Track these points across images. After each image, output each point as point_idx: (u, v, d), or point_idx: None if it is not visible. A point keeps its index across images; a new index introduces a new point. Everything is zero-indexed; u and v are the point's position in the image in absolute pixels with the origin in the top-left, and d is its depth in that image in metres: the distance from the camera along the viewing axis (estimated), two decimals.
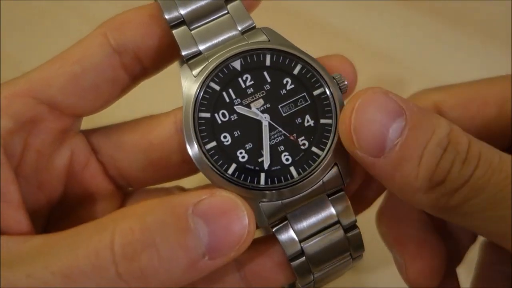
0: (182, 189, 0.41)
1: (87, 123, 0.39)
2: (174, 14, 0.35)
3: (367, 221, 0.39)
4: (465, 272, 0.42)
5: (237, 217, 0.30)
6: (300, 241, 0.34)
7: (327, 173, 0.34)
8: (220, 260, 0.30)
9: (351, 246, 0.35)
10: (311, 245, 0.34)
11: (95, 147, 0.39)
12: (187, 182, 0.40)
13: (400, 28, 0.65)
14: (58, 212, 0.38)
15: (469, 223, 0.32)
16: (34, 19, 0.70)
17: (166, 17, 0.35)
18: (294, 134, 0.34)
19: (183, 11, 0.35)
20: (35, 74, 0.35)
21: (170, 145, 0.37)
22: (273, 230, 0.34)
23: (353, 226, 0.35)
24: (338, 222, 0.34)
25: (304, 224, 0.34)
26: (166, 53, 0.36)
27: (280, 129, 0.34)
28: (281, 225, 0.34)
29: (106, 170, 0.39)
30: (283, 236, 0.34)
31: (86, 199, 0.39)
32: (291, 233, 0.34)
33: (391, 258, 0.41)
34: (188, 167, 0.37)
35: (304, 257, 0.34)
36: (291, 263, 0.34)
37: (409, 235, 0.38)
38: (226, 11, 0.35)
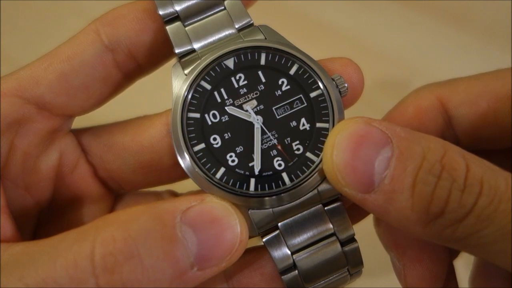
0: (174, 194, 0.40)
1: (82, 122, 0.38)
2: (169, 10, 0.34)
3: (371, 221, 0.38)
4: (463, 266, 0.41)
5: (229, 226, 0.29)
6: (292, 253, 0.32)
7: (322, 182, 0.32)
8: (210, 271, 0.28)
9: (348, 261, 0.33)
10: (304, 259, 0.32)
11: (85, 148, 0.37)
12: (180, 186, 0.39)
13: (403, 29, 0.65)
14: (48, 215, 0.37)
15: (479, 254, 0.30)
16: (34, 19, 0.70)
17: (160, 13, 0.34)
18: (288, 139, 0.32)
19: (178, 7, 0.34)
20: (23, 73, 0.34)
21: (161, 147, 0.36)
22: (263, 240, 0.32)
23: (351, 239, 0.33)
24: (334, 234, 0.32)
25: (297, 235, 0.32)
26: (162, 50, 0.35)
27: (274, 132, 0.32)
28: (272, 235, 0.32)
29: (96, 172, 0.38)
30: (273, 248, 0.32)
31: (75, 202, 0.38)
32: (282, 245, 0.32)
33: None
34: (180, 170, 0.35)
35: (296, 271, 0.32)
36: (282, 277, 0.32)
37: (408, 237, 0.36)
38: (223, 7, 0.34)
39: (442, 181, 0.28)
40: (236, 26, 0.34)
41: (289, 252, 0.32)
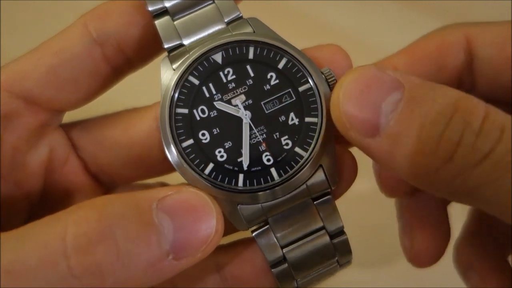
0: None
1: (70, 114, 0.38)
2: (158, 5, 0.33)
3: (367, 215, 0.38)
4: None
5: (205, 215, 0.28)
6: (282, 247, 0.32)
7: (311, 177, 0.31)
8: (186, 261, 0.28)
9: (337, 252, 0.33)
10: (294, 252, 0.32)
11: (74, 142, 0.37)
12: (172, 178, 0.38)
13: (403, 29, 0.65)
14: (39, 210, 0.37)
15: (492, 208, 0.27)
16: (34, 19, 0.70)
17: (150, 9, 0.33)
18: (277, 133, 0.32)
19: (167, 3, 0.33)
20: (11, 67, 0.34)
21: (151, 141, 0.35)
22: (253, 234, 0.32)
23: (340, 232, 0.33)
24: (323, 227, 0.32)
25: (286, 229, 0.32)
26: (151, 44, 0.35)
27: (262, 127, 0.32)
28: (261, 229, 0.32)
29: (86, 166, 0.38)
30: (263, 242, 0.32)
31: (67, 197, 0.37)
32: (272, 239, 0.32)
33: (390, 255, 0.39)
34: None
35: (286, 264, 0.32)
36: (272, 270, 0.33)
37: (427, 212, 0.35)
38: (211, 1, 0.34)
39: (454, 123, 0.26)
40: (225, 20, 0.33)
41: (278, 245, 0.32)
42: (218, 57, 0.32)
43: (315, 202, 0.32)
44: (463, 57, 0.34)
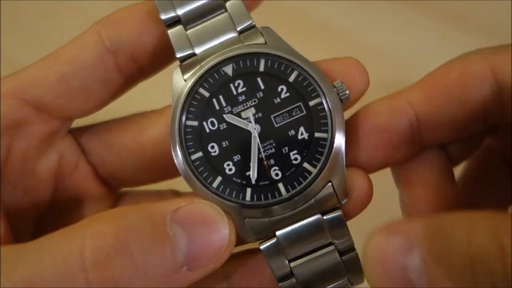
0: (177, 193, 0.40)
1: (80, 119, 0.37)
2: (171, 14, 0.33)
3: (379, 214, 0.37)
4: None
5: (217, 226, 0.29)
6: (290, 261, 0.32)
7: (319, 192, 0.31)
8: (198, 272, 0.28)
9: (348, 270, 0.32)
10: (301, 267, 0.32)
11: (84, 148, 0.37)
12: (183, 183, 0.39)
13: (403, 29, 0.65)
14: (48, 217, 0.37)
15: None
16: (34, 19, 0.70)
17: (162, 17, 0.33)
18: (286, 148, 0.31)
19: (180, 11, 0.33)
20: (23, 74, 0.34)
21: (162, 147, 0.35)
22: (261, 248, 0.32)
23: (350, 249, 0.32)
24: (332, 243, 0.32)
25: (294, 243, 0.31)
26: (164, 53, 0.34)
27: (272, 141, 0.32)
28: (269, 243, 0.32)
29: (96, 172, 0.38)
30: (271, 255, 0.32)
31: (76, 203, 0.37)
32: (279, 253, 0.32)
33: None
34: None
35: (294, 279, 0.32)
36: (280, 284, 0.32)
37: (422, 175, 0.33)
38: (224, 10, 0.33)
39: (480, 276, 0.23)
40: (238, 29, 0.33)
41: (286, 260, 0.32)
42: (228, 69, 0.32)
43: (324, 217, 0.32)
44: (488, 90, 0.32)
